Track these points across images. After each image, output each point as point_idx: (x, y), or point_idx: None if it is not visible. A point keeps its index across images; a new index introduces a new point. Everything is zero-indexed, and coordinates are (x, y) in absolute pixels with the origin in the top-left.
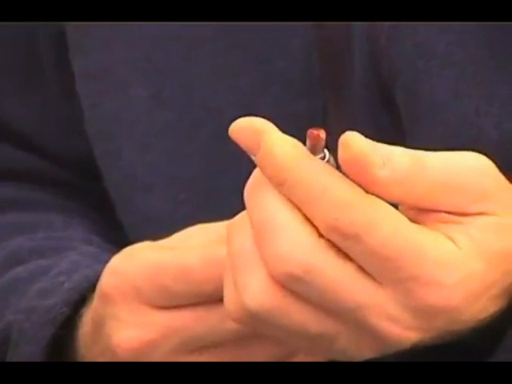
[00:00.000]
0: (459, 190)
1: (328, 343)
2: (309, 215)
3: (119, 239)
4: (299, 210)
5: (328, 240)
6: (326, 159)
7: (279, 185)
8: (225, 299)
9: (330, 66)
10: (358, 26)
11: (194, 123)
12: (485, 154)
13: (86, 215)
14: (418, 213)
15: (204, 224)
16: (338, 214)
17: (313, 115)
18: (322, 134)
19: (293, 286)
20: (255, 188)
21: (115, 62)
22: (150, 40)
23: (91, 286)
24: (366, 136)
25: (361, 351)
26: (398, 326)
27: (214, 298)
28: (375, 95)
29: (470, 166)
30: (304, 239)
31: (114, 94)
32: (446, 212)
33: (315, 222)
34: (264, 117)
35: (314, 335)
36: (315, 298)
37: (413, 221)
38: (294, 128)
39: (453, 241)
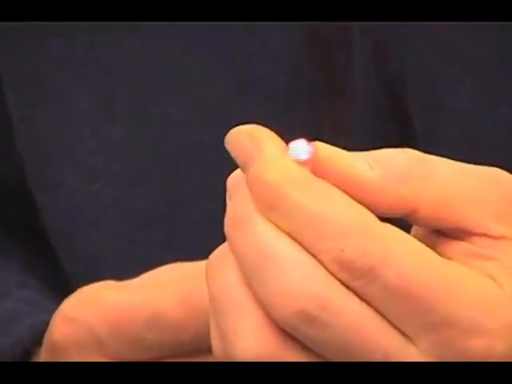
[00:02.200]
0: (479, 203)
1: None
2: (309, 248)
3: (62, 281)
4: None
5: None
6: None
7: (270, 208)
8: (213, 350)
9: (323, 70)
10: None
11: (153, 142)
12: None
13: (20, 254)
14: (441, 243)
15: (180, 263)
16: (345, 244)
17: (303, 130)
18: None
19: (304, 329)
20: (241, 215)
21: (53, 66)
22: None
23: (35, 339)
24: (370, 149)
25: None
26: None
27: (192, 349)
28: (381, 104)
29: (492, 181)
30: (313, 270)
31: (51, 106)
32: (461, 230)
33: (318, 257)
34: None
35: None
36: (331, 346)
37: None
38: None
39: (492, 278)
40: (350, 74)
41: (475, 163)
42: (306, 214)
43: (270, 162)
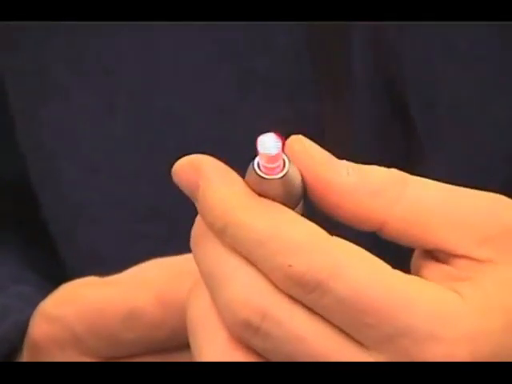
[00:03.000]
0: (460, 224)
1: None
2: (261, 267)
3: (63, 276)
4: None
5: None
6: (286, 169)
7: (221, 232)
8: None
9: (324, 66)
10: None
11: (154, 137)
12: None
13: (20, 248)
14: (425, 266)
15: (161, 258)
16: (292, 259)
17: (304, 123)
18: (277, 139)
19: (253, 341)
20: (199, 236)
21: (54, 61)
22: None
23: (22, 335)
24: (372, 149)
25: None
26: None
27: (169, 346)
28: (383, 101)
29: (479, 203)
30: (257, 283)
31: (52, 102)
32: (442, 251)
33: (270, 276)
34: (242, 126)
35: None
36: (277, 355)
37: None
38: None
39: (457, 293)
40: (349, 71)
41: (474, 162)
42: (253, 234)
43: (214, 191)
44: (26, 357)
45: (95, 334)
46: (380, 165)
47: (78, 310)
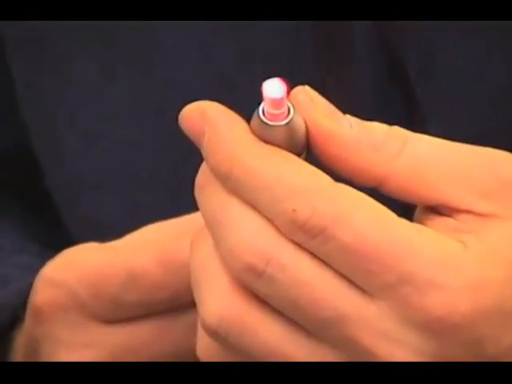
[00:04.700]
0: (461, 178)
1: None
2: (266, 213)
3: (66, 247)
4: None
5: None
6: (290, 117)
7: (225, 177)
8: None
9: (325, 37)
10: None
11: (155, 105)
12: None
13: (22, 219)
14: (429, 220)
15: (161, 221)
16: (296, 204)
17: None
18: (283, 84)
19: (256, 286)
20: (203, 181)
21: (53, 30)
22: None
23: (24, 303)
24: (373, 120)
25: None
26: (399, 348)
27: (172, 307)
28: (383, 70)
29: (484, 160)
30: (261, 228)
31: (53, 70)
32: (445, 207)
33: (275, 221)
34: (242, 98)
35: (288, 361)
36: (280, 301)
37: None
38: None
39: (461, 242)
40: (350, 43)
41: (473, 131)
42: (258, 179)
43: (220, 135)
44: (27, 325)
45: (97, 298)
46: None
47: (80, 275)
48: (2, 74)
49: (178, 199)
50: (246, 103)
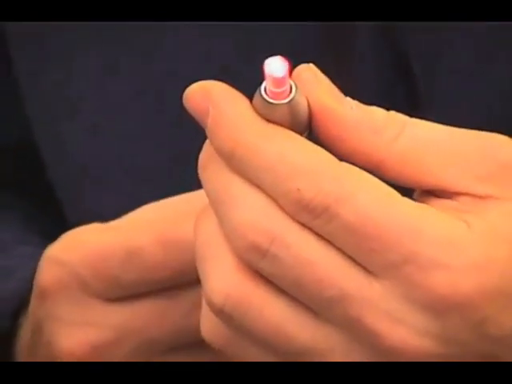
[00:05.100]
0: (457, 161)
1: (314, 356)
2: (270, 192)
3: None
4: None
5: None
6: (293, 95)
7: (229, 156)
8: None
9: (328, 30)
10: None
11: (156, 98)
12: None
13: (24, 213)
14: (428, 202)
15: (160, 201)
16: (301, 183)
17: None
18: (284, 61)
19: (260, 265)
20: (206, 160)
21: (55, 23)
22: None
23: (29, 290)
24: None
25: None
26: (402, 328)
27: (172, 286)
28: (387, 70)
29: (481, 143)
30: (265, 207)
31: (54, 63)
32: (442, 190)
33: (279, 201)
34: (245, 88)
35: (292, 341)
36: (284, 280)
37: None
38: None
39: (464, 222)
40: (353, 34)
41: (474, 123)
42: (261, 158)
43: (223, 114)
44: (32, 307)
45: (98, 277)
46: None
47: (82, 255)
48: (4, 67)
49: (178, 193)
50: (248, 93)
